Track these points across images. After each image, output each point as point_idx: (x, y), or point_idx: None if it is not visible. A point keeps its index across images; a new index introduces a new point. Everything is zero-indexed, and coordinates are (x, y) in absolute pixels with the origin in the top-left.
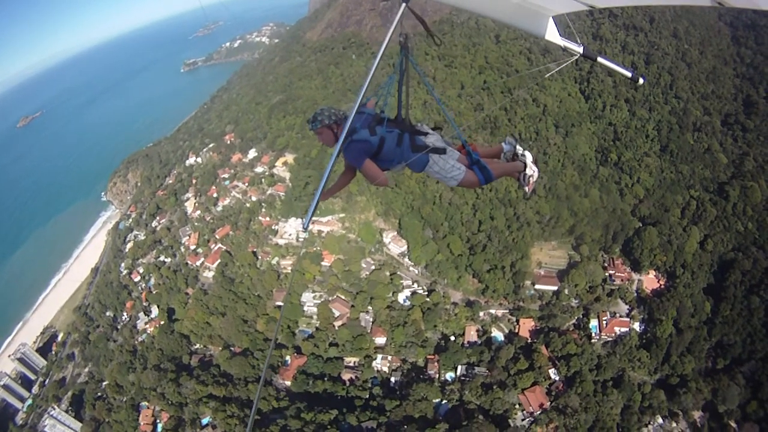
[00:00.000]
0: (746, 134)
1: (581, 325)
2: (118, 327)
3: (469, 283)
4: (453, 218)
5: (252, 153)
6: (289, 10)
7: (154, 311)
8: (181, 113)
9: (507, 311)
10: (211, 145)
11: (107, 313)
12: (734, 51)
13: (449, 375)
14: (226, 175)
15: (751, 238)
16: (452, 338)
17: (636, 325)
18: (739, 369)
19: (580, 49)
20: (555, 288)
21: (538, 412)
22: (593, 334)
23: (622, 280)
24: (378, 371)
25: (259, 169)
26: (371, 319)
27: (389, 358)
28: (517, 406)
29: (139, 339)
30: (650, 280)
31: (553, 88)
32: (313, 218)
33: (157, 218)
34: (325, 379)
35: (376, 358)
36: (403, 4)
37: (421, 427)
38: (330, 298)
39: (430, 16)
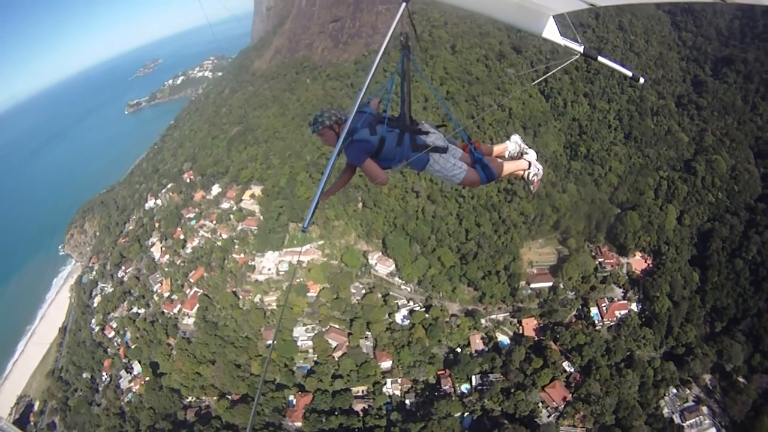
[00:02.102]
0: (701, 112)
1: (583, 315)
2: (99, 389)
3: (465, 292)
4: (439, 230)
5: (215, 189)
6: (227, 42)
7: (137, 368)
8: (132, 156)
9: (508, 314)
10: (169, 186)
11: (84, 375)
12: (675, 36)
13: (464, 387)
14: (191, 215)
15: (723, 206)
16: (459, 350)
17: (634, 306)
18: (737, 328)
19: (581, 49)
20: (550, 284)
21: (563, 406)
22: (596, 322)
23: (612, 266)
24: (390, 396)
25: (225, 205)
26: (372, 345)
27: (399, 380)
28: (540, 405)
29: (125, 399)
30: (638, 262)
31: (514, 91)
32: (291, 249)
33: (123, 268)
34: (337, 413)
35: (385, 383)
36: (404, 4)
37: None
38: (324, 329)
39: (383, 34)
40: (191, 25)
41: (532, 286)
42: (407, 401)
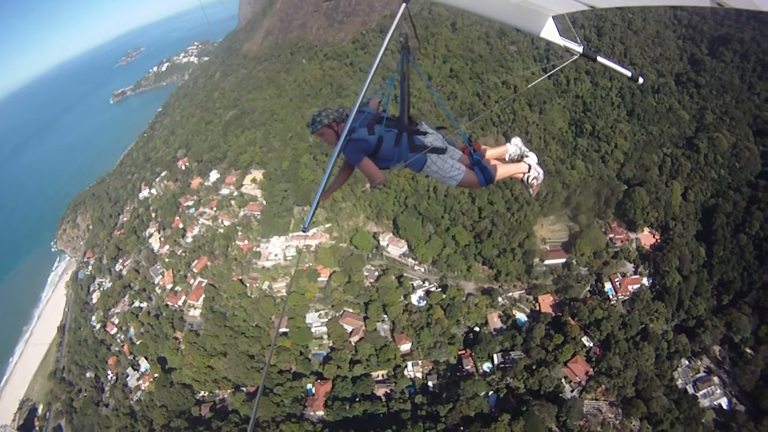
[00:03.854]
0: (700, 90)
1: (597, 291)
2: (105, 388)
3: (480, 271)
4: (452, 209)
5: (213, 175)
6: (211, 27)
7: (144, 364)
8: (120, 146)
9: (524, 291)
10: (163, 174)
11: (88, 375)
12: (671, 14)
13: (486, 366)
14: (189, 203)
15: (725, 183)
16: (477, 329)
17: (645, 281)
18: (744, 300)
19: (580, 49)
20: (564, 260)
21: (585, 381)
22: (610, 297)
23: (622, 242)
24: (412, 379)
25: (225, 191)
26: (390, 328)
27: (420, 362)
28: (563, 380)
29: (135, 398)
30: (646, 237)
31: (517, 70)
32: (298, 234)
33: (120, 261)
34: (359, 399)
35: (406, 366)
36: (404, 4)
37: (485, 423)
38: (338, 314)
39: (380, 12)
40: (173, 11)
41: (546, 262)
42: (430, 383)
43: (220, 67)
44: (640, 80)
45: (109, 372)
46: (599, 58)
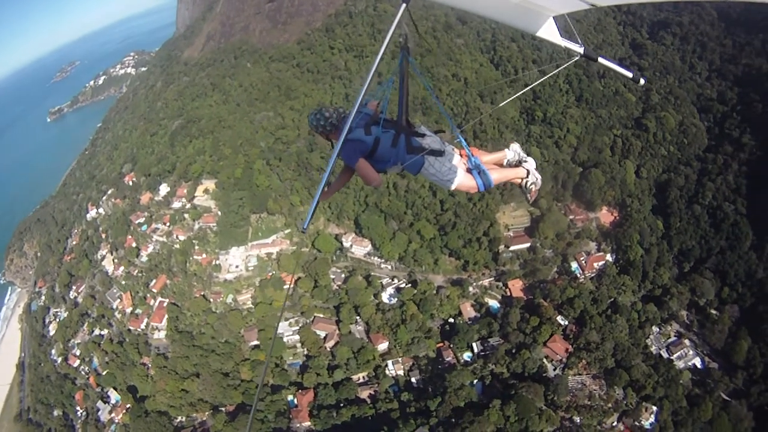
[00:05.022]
0: (643, 72)
1: (564, 271)
2: (76, 425)
3: (447, 263)
4: (415, 204)
5: (163, 189)
6: (145, 36)
7: (113, 396)
8: (62, 166)
9: (493, 279)
10: (110, 192)
11: (55, 413)
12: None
13: (467, 355)
14: (140, 220)
15: (676, 158)
16: (452, 320)
17: (609, 257)
18: (704, 266)
19: (581, 50)
20: (528, 245)
21: (566, 358)
22: (578, 275)
23: (582, 222)
24: (394, 377)
25: (177, 205)
26: (364, 328)
27: (400, 360)
28: (545, 360)
29: None
30: (605, 215)
31: (465, 61)
32: (257, 242)
33: (74, 288)
34: (345, 405)
35: (386, 365)
36: (404, 5)
37: (477, 412)
38: (309, 321)
39: (324, 11)
40: (104, 23)
41: (512, 248)
42: (413, 379)
43: (160, 76)
44: (641, 81)
45: (78, 408)
46: (600, 59)
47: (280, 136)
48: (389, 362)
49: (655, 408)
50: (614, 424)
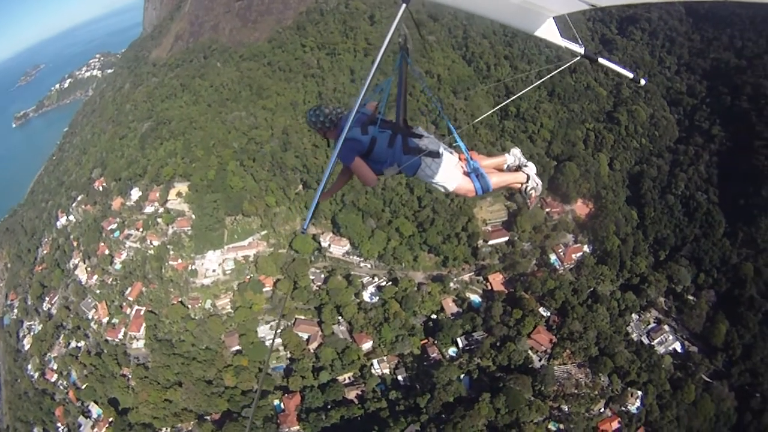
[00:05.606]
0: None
1: (543, 263)
2: None
3: (427, 259)
4: (392, 202)
5: (135, 193)
6: (111, 37)
7: (95, 410)
8: (29, 172)
9: (473, 273)
10: (80, 198)
11: (35, 431)
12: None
13: (452, 351)
14: (112, 226)
15: (647, 150)
16: (435, 317)
17: (586, 248)
18: (680, 254)
19: (582, 50)
20: (506, 238)
21: (551, 348)
22: (557, 267)
23: (558, 214)
24: (381, 376)
25: (149, 209)
26: (347, 328)
27: (385, 359)
28: (530, 351)
29: None
30: (580, 208)
31: (437, 58)
32: (234, 245)
33: (47, 299)
34: (332, 407)
35: (372, 365)
36: (404, 5)
37: (467, 407)
38: (290, 323)
39: (295, 9)
40: (68, 25)
41: (490, 243)
42: (399, 377)
43: (128, 77)
44: (642, 82)
45: (59, 424)
46: (601, 59)
47: (253, 136)
48: (374, 361)
49: (640, 393)
50: (602, 411)
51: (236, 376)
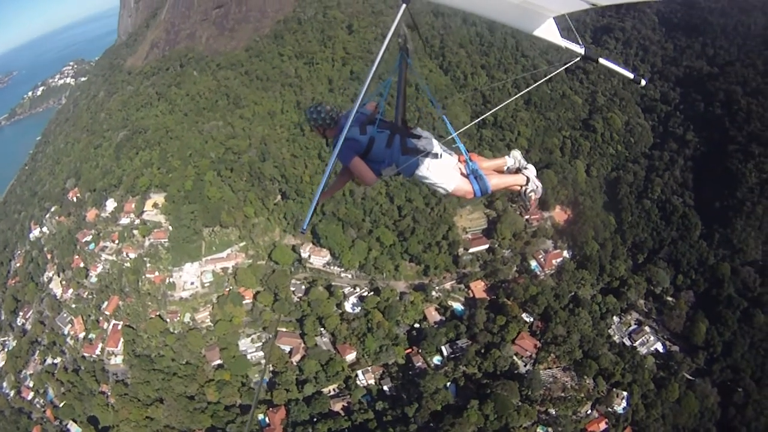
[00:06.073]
0: (589, 76)
1: (524, 269)
2: None
3: (408, 269)
4: (372, 211)
5: (110, 204)
6: (85, 45)
7: (74, 429)
8: (0, 182)
9: (455, 282)
10: (53, 209)
11: None
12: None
13: (437, 359)
14: (87, 238)
15: (623, 156)
16: (418, 326)
17: (566, 253)
18: (658, 256)
19: (582, 50)
20: (487, 246)
21: (535, 353)
22: (538, 273)
23: (537, 221)
24: (366, 387)
25: (125, 221)
26: (330, 340)
27: (370, 369)
28: (515, 357)
29: None
30: (559, 214)
31: (415, 67)
32: (212, 257)
33: (21, 314)
34: (319, 420)
35: (357, 376)
36: (404, 5)
37: (455, 414)
38: (271, 336)
39: (272, 17)
40: (42, 32)
41: (471, 250)
42: (385, 387)
43: (102, 85)
44: (643, 82)
45: None
46: (601, 60)
47: (230, 146)
48: (359, 372)
49: (625, 393)
50: (589, 413)
51: (219, 391)
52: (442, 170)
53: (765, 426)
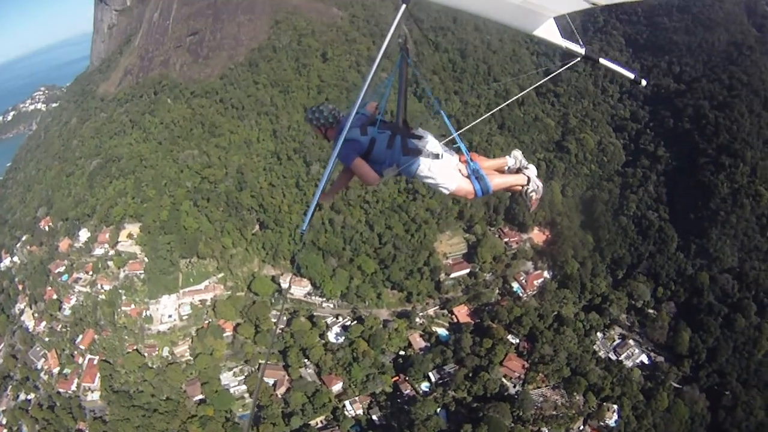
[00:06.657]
0: (560, 98)
1: (506, 292)
2: None
3: (390, 296)
4: (352, 240)
5: (84, 234)
6: (56, 70)
7: None
8: None
9: (438, 307)
10: (24, 238)
11: None
12: (524, 34)
13: (425, 386)
14: (60, 269)
15: (597, 175)
16: (404, 353)
17: (547, 274)
18: (637, 271)
19: (582, 51)
20: (468, 270)
21: (524, 374)
22: (520, 295)
23: (517, 243)
24: (354, 417)
25: (99, 251)
26: (315, 371)
27: (357, 399)
28: (503, 379)
29: None
30: (537, 235)
31: (390, 95)
32: (190, 288)
33: None
34: None
35: (344, 406)
36: (404, 5)
37: None
38: (254, 369)
39: (247, 45)
40: (12, 56)
41: (453, 275)
42: (374, 417)
43: (75, 112)
44: (643, 83)
45: None
46: (602, 60)
47: (206, 175)
48: (347, 402)
49: (615, 406)
50: (581, 428)
51: (202, 428)
52: (444, 170)
53: (756, 425)
